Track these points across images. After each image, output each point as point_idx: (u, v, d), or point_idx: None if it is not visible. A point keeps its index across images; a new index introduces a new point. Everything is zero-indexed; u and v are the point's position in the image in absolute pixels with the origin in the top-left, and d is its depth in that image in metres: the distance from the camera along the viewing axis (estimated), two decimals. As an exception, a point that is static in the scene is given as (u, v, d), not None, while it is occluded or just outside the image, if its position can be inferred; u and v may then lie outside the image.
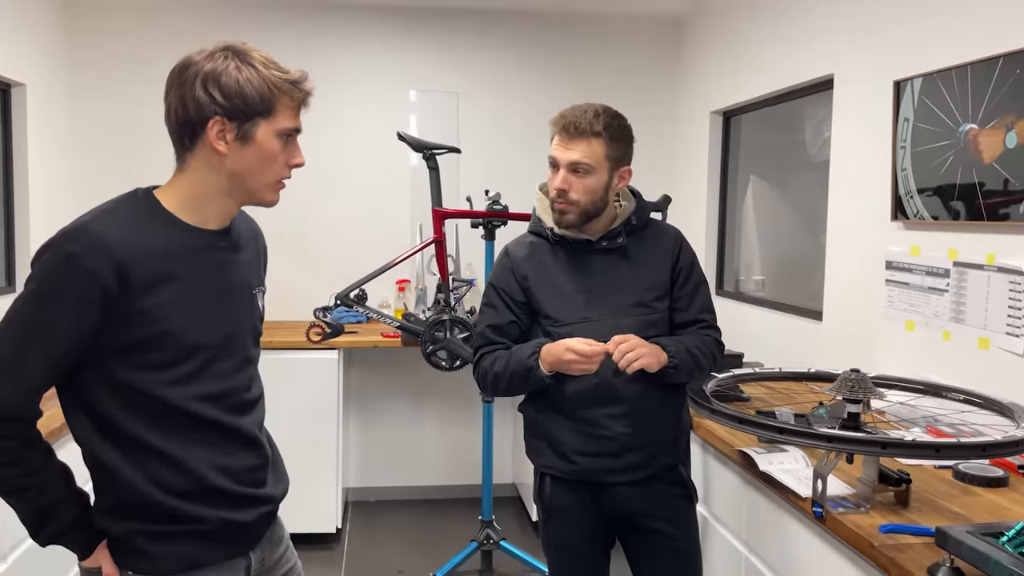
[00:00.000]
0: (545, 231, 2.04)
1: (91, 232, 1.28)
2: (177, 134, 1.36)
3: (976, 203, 2.23)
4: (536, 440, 2.08)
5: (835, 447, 1.44)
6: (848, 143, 2.87)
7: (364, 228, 4.26)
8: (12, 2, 3.41)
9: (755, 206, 3.84)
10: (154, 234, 1.33)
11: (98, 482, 1.38)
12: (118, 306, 1.28)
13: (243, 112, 1.32)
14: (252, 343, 1.52)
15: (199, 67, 1.33)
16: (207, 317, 1.38)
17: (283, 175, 1.41)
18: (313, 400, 3.67)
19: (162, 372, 1.33)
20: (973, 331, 2.25)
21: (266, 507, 1.49)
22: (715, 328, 2.08)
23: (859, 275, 2.78)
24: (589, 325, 1.95)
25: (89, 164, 4.01)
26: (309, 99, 1.41)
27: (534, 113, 4.34)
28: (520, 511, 4.21)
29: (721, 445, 2.31)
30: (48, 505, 1.34)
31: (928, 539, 1.55)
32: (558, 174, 1.93)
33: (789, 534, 1.95)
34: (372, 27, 4.21)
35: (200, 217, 1.39)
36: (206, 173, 1.37)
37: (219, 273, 1.42)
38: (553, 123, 1.97)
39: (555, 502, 2.06)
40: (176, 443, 1.36)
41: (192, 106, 1.32)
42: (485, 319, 2.05)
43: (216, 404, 1.39)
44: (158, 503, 1.35)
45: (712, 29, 4.00)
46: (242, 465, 1.44)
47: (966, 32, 2.27)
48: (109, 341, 1.30)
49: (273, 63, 1.37)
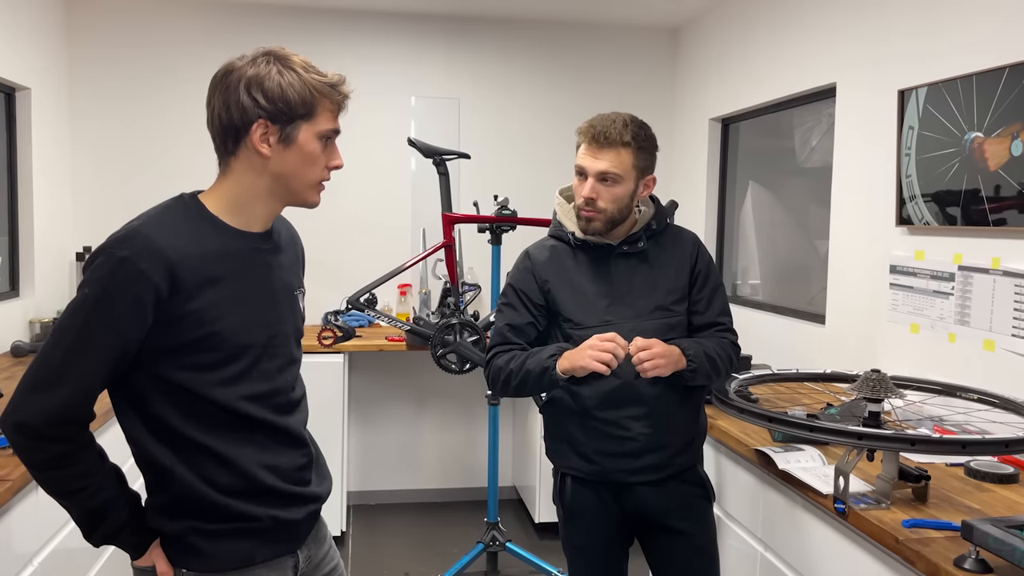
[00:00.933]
0: (566, 235, 2.07)
1: (143, 236, 1.31)
2: (221, 138, 1.39)
3: (981, 209, 2.30)
4: (557, 442, 2.11)
5: (866, 444, 1.49)
6: (851, 150, 2.94)
7: (365, 233, 4.29)
8: (16, 6, 3.41)
9: (754, 212, 3.91)
10: (202, 238, 1.36)
11: (151, 481, 1.40)
12: (169, 308, 1.31)
13: (286, 115, 1.35)
14: (295, 344, 1.54)
15: (242, 72, 1.35)
16: (254, 318, 1.41)
17: (323, 176, 1.44)
18: (318, 404, 3.60)
19: (211, 372, 1.36)
20: (979, 333, 2.32)
21: (313, 505, 1.51)
22: (732, 331, 2.12)
23: (863, 279, 2.85)
24: (609, 328, 1.98)
25: (92, 168, 4.00)
26: (347, 102, 1.44)
27: (534, 120, 4.40)
28: (521, 513, 4.24)
29: (736, 445, 2.36)
30: (101, 505, 1.36)
31: (950, 533, 1.60)
32: (586, 183, 1.96)
33: (808, 531, 2.00)
34: (373, 34, 4.25)
35: (244, 220, 1.42)
36: (250, 176, 1.39)
37: (264, 275, 1.45)
38: (581, 132, 1.98)
39: (576, 502, 2.09)
40: (226, 442, 1.38)
41: (236, 110, 1.35)
42: (504, 318, 2.07)
43: (263, 404, 1.42)
44: (211, 501, 1.38)
45: (711, 37, 4.07)
46: (289, 464, 1.47)
47: (971, 43, 2.34)
48: (160, 343, 1.32)
49: (312, 67, 1.40)
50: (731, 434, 2.38)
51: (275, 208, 1.46)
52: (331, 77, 1.41)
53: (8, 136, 3.51)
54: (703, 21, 4.15)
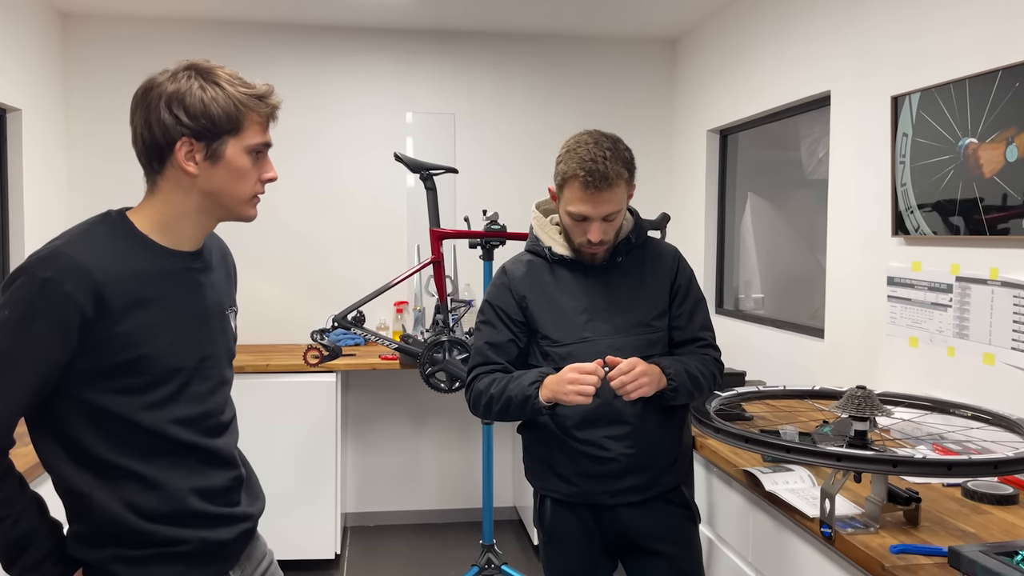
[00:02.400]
0: (543, 251, 2.02)
1: (67, 256, 1.26)
2: (146, 157, 1.36)
3: (977, 218, 2.21)
4: (536, 463, 2.04)
5: (844, 466, 1.41)
6: (846, 159, 2.86)
7: (361, 250, 4.25)
8: (8, 27, 3.41)
9: (754, 224, 3.83)
10: (130, 257, 1.32)
11: (71, 509, 1.36)
12: (95, 331, 1.26)
13: (210, 131, 1.32)
14: (227, 364, 1.50)
15: (163, 88, 1.32)
16: (184, 340, 1.37)
17: (257, 190, 1.41)
18: (311, 424, 3.63)
19: (139, 396, 1.32)
20: (978, 347, 2.22)
21: (244, 524, 1.47)
22: (714, 347, 2.05)
23: (860, 292, 2.76)
24: (588, 345, 1.93)
25: (84, 189, 4.00)
26: (277, 113, 1.41)
27: (530, 134, 4.36)
28: (521, 535, 4.15)
29: (725, 465, 2.27)
30: (23, 536, 1.31)
31: (940, 559, 1.52)
32: (593, 226, 1.88)
33: (797, 555, 1.91)
34: (369, 49, 4.22)
35: (174, 239, 1.38)
36: (178, 194, 1.36)
37: (194, 295, 1.41)
38: (570, 175, 1.86)
39: (556, 525, 2.02)
40: (153, 467, 1.34)
41: (158, 128, 1.32)
42: (482, 336, 2.01)
43: (192, 427, 1.38)
44: (134, 528, 1.33)
45: (707, 48, 4.01)
46: (218, 486, 1.43)
47: (963, 47, 2.27)
48: (85, 366, 1.28)
49: (238, 79, 1.36)
50: (721, 454, 2.30)
51: (207, 225, 1.42)
52: (258, 88, 1.37)
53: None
54: (700, 33, 4.10)
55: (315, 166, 4.19)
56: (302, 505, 3.64)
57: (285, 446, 3.61)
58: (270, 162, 1.42)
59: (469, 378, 2.01)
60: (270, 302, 4.15)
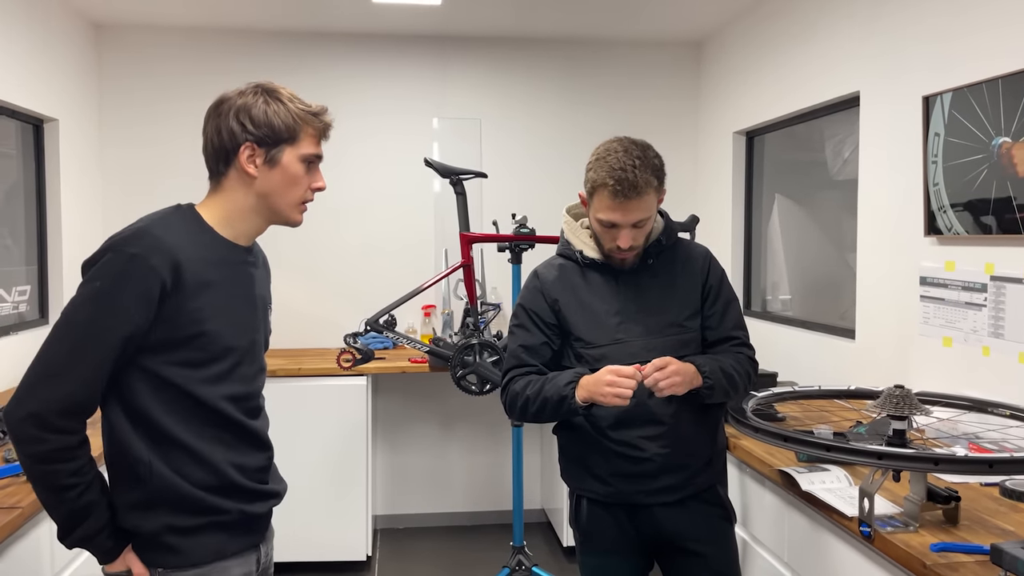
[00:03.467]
0: (574, 254, 2.04)
1: (151, 235, 1.42)
2: (213, 159, 1.54)
3: (1011, 217, 2.21)
4: (572, 463, 2.06)
5: (886, 464, 1.41)
6: (876, 159, 2.86)
7: (387, 254, 4.29)
8: (44, 38, 3.49)
9: (781, 225, 3.82)
10: (200, 243, 1.49)
11: (128, 477, 1.46)
12: (171, 303, 1.41)
13: (270, 139, 1.50)
14: (264, 353, 1.66)
15: (232, 102, 1.52)
16: (238, 323, 1.54)
17: (306, 197, 1.58)
18: (342, 427, 3.67)
19: (198, 370, 1.46)
20: (1014, 346, 2.22)
21: (272, 501, 1.63)
22: (748, 346, 2.06)
23: (892, 292, 2.76)
24: (621, 347, 1.94)
25: (118, 198, 4.06)
26: (329, 130, 1.59)
27: (557, 138, 4.38)
28: (550, 537, 4.17)
29: (759, 465, 2.28)
30: (86, 506, 1.42)
31: (981, 557, 1.52)
32: (623, 233, 1.90)
33: (834, 555, 1.92)
34: (395, 56, 4.27)
35: (234, 233, 1.56)
36: (238, 192, 1.54)
37: (247, 285, 1.58)
38: (599, 184, 1.87)
39: (592, 524, 2.04)
40: (200, 439, 1.48)
41: (227, 134, 1.51)
42: (516, 339, 2.04)
43: (239, 405, 1.54)
44: (185, 494, 1.46)
45: (732, 51, 4.02)
46: (252, 464, 1.58)
47: (995, 47, 2.26)
48: (155, 337, 1.42)
49: (298, 98, 1.55)
50: (755, 454, 2.31)
51: (260, 225, 1.59)
52: (314, 107, 1.56)
53: (37, 167, 3.58)
54: (725, 35, 4.10)
55: (343, 172, 4.23)
56: (334, 507, 3.68)
57: (317, 449, 3.65)
58: (320, 173, 1.59)
59: (504, 380, 2.03)
60: (300, 306, 4.20)
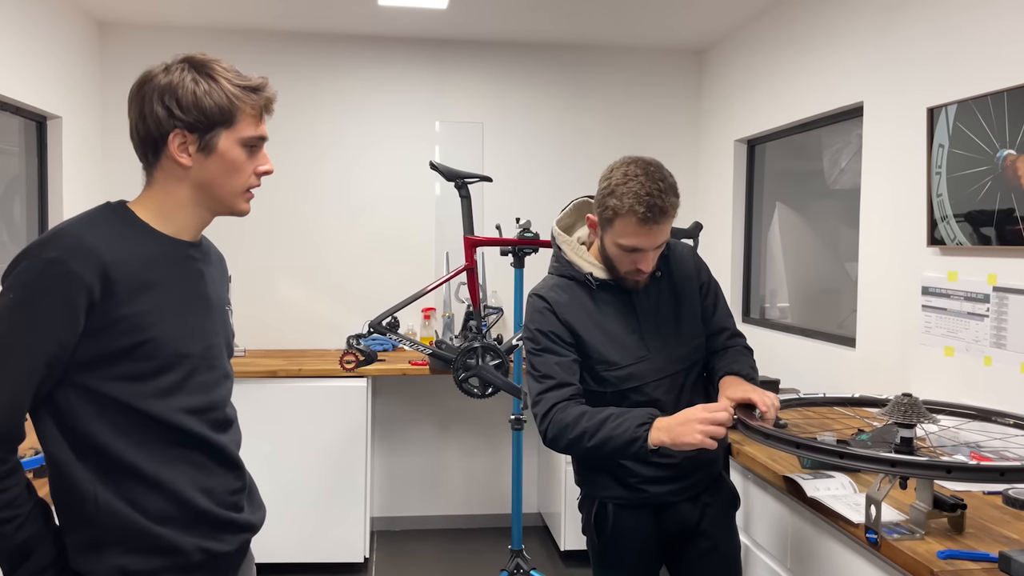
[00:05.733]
0: (582, 276, 1.99)
1: (71, 236, 1.25)
2: (141, 150, 1.36)
3: (1014, 228, 2.23)
4: (596, 473, 2.03)
5: (898, 471, 1.43)
6: (879, 169, 2.88)
7: (388, 257, 4.29)
8: (49, 36, 3.48)
9: (781, 233, 3.85)
10: (133, 241, 1.32)
11: (74, 514, 1.30)
12: (101, 311, 1.24)
13: (203, 124, 1.32)
14: (227, 358, 1.48)
15: (156, 81, 1.33)
16: (189, 326, 1.36)
17: (251, 183, 1.40)
18: (342, 428, 3.67)
19: (146, 383, 1.29)
20: (1016, 356, 2.24)
21: (245, 535, 1.45)
22: (740, 335, 2.11)
23: (894, 301, 2.78)
24: (647, 363, 1.95)
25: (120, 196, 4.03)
26: (272, 105, 1.40)
27: (558, 143, 4.40)
28: (547, 540, 4.18)
29: (763, 471, 2.29)
30: (26, 541, 1.26)
31: (988, 565, 1.53)
32: (647, 256, 1.88)
33: (839, 561, 1.93)
34: (397, 60, 4.28)
35: (174, 227, 1.38)
36: (173, 185, 1.36)
37: (197, 283, 1.41)
38: (626, 211, 1.82)
39: (620, 528, 2.03)
40: (159, 462, 1.31)
41: (152, 121, 1.32)
42: (546, 360, 1.94)
43: (200, 418, 1.36)
44: (138, 530, 1.29)
45: (734, 59, 4.04)
46: (224, 487, 1.40)
47: (1001, 59, 2.29)
48: (91, 351, 1.25)
49: (233, 71, 1.37)
50: (758, 460, 2.32)
51: (203, 217, 1.41)
52: (253, 81, 1.37)
53: (40, 163, 3.57)
54: (728, 43, 4.13)
55: (344, 174, 4.24)
56: (332, 508, 3.68)
57: (316, 450, 3.65)
58: (266, 155, 1.41)
59: (547, 406, 1.90)
60: (299, 307, 4.20)
